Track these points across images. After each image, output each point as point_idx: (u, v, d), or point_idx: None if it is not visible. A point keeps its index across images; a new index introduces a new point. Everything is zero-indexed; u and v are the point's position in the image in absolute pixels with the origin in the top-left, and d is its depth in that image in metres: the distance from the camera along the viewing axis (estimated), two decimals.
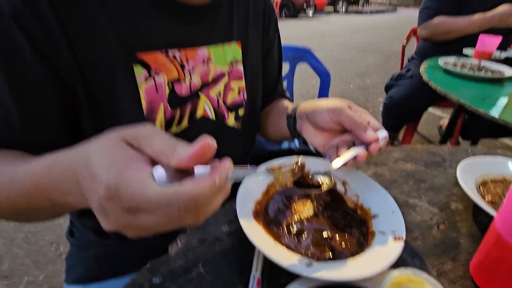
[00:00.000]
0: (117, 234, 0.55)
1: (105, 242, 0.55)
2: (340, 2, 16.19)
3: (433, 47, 1.75)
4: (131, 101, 0.42)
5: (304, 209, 0.42)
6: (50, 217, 0.37)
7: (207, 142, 0.21)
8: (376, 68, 4.70)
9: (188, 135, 0.48)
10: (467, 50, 1.52)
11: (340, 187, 0.46)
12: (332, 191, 0.46)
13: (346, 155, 0.40)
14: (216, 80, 0.51)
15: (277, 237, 0.36)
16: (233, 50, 0.53)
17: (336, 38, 7.44)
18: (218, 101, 0.51)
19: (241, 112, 0.56)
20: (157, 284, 0.32)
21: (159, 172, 0.21)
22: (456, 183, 0.47)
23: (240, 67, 0.54)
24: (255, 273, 0.33)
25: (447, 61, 1.31)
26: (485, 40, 1.32)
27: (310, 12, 12.84)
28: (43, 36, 0.35)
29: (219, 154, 0.60)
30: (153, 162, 0.23)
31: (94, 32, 0.38)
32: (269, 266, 0.34)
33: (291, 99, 0.88)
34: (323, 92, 1.30)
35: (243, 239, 0.33)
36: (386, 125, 2.10)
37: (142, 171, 0.21)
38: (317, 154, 0.78)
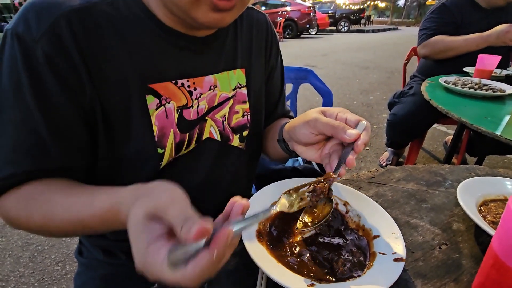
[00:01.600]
0: (126, 253, 0.56)
1: (114, 262, 0.56)
2: (342, 22, 16.63)
3: (434, 65, 1.78)
4: (143, 128, 0.45)
5: (307, 230, 0.43)
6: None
7: (205, 227, 0.25)
8: (379, 85, 4.75)
9: (194, 155, 0.51)
10: (467, 69, 1.55)
11: (342, 208, 0.47)
12: (334, 211, 0.47)
13: (337, 168, 0.40)
14: (221, 103, 0.53)
15: (280, 258, 0.37)
16: (237, 76, 0.56)
17: (338, 56, 7.59)
18: (223, 123, 0.54)
19: (245, 133, 0.58)
20: None
21: (171, 254, 0.25)
22: (457, 203, 0.48)
23: (244, 91, 0.57)
24: None
25: (447, 79, 1.33)
26: (484, 59, 1.35)
27: (313, 32, 13.20)
28: (71, 76, 0.40)
29: (224, 174, 0.61)
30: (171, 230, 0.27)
31: (113, 66, 0.42)
32: (273, 287, 0.35)
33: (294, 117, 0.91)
34: None
35: (247, 260, 0.35)
36: (391, 142, 2.11)
37: (159, 254, 0.25)
38: (321, 169, 0.78)
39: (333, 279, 0.35)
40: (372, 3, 27.30)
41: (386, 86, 4.63)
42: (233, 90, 0.55)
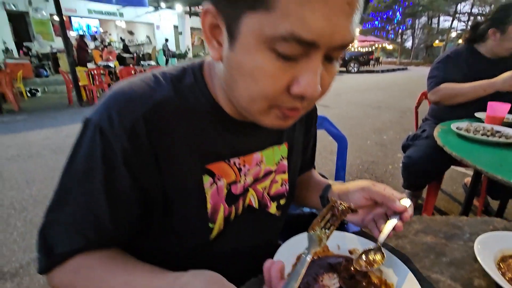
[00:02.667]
0: None
1: None
2: (352, 63, 17.33)
3: (445, 109, 1.83)
4: (199, 205, 0.49)
5: (331, 282, 0.46)
6: None
7: None
8: (392, 124, 4.80)
9: (234, 223, 0.55)
10: (479, 114, 1.59)
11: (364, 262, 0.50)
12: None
13: (386, 228, 0.49)
14: (264, 176, 0.58)
15: None
16: (281, 150, 0.60)
17: (350, 96, 7.81)
18: (262, 192, 0.58)
19: (282, 201, 0.62)
20: None
21: None
22: (477, 258, 0.50)
23: (285, 162, 0.62)
24: None
25: (459, 126, 1.37)
26: (494, 106, 1.40)
27: None
28: (142, 170, 0.44)
29: (258, 237, 0.64)
30: None
31: (177, 154, 0.46)
32: None
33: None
34: (341, 155, 1.38)
35: None
36: (408, 184, 2.08)
37: None
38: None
39: None
40: (380, 45, 28.55)
41: (399, 125, 4.67)
42: (276, 164, 0.59)
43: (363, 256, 0.48)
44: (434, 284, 0.47)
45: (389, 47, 32.90)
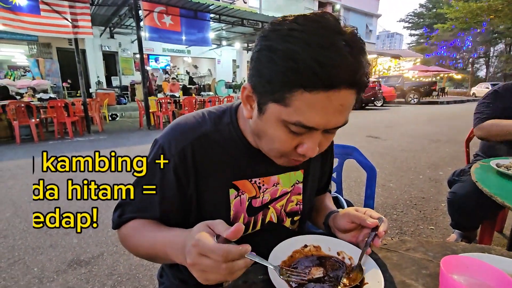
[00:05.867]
0: (195, 281, 0.75)
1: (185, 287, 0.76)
2: (411, 94, 16.34)
3: (495, 146, 1.74)
4: (224, 211, 0.66)
5: (317, 272, 0.59)
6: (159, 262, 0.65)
7: (238, 228, 0.44)
8: (452, 159, 4.41)
9: (257, 234, 0.70)
10: None
11: (347, 261, 0.62)
12: (341, 263, 0.62)
13: (365, 246, 0.61)
14: (281, 196, 0.73)
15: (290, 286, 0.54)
16: (297, 175, 0.74)
17: (405, 128, 7.39)
18: (280, 210, 0.74)
19: (296, 218, 0.78)
20: None
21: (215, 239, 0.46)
22: None
23: (300, 186, 0.76)
24: None
25: (499, 162, 1.32)
26: None
27: (378, 104, 13.30)
28: (184, 176, 0.62)
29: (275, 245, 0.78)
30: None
31: (212, 172, 0.64)
32: None
33: (341, 188, 1.07)
34: (370, 185, 1.44)
35: (270, 285, 0.53)
36: (455, 223, 1.95)
37: (210, 234, 0.46)
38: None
39: None
40: (446, 75, 26.40)
41: (459, 160, 4.26)
42: (292, 186, 0.74)
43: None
44: (406, 287, 0.56)
45: (458, 76, 30.19)
